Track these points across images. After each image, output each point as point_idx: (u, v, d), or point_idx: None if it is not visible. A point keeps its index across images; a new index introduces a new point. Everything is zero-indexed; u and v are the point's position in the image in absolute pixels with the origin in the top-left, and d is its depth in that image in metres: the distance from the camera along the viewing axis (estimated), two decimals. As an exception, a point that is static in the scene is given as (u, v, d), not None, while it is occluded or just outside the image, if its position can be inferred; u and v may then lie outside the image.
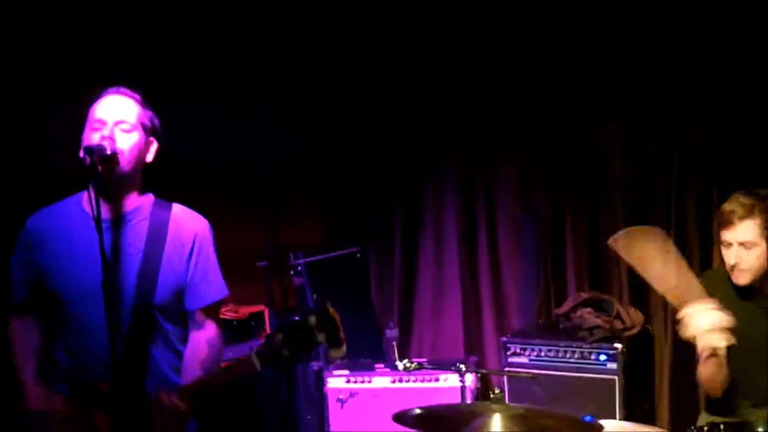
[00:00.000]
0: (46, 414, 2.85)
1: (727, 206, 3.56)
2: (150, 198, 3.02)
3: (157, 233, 2.92)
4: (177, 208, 3.02)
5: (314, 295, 2.51)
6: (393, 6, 4.94)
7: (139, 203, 2.96)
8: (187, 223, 3.00)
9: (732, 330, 3.36)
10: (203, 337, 2.99)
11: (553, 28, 4.90)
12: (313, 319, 2.62)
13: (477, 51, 5.17)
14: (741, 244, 3.52)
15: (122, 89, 2.95)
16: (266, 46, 5.01)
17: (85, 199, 2.91)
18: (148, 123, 2.95)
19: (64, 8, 4.34)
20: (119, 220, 2.91)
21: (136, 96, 2.96)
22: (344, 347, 2.66)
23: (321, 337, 2.62)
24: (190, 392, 2.74)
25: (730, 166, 4.69)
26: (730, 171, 4.66)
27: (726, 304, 3.49)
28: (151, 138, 2.97)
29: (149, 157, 2.97)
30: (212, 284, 3.02)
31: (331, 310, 2.64)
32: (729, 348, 3.42)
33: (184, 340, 3.01)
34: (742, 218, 3.49)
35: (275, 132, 5.23)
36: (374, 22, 5.02)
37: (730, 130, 4.71)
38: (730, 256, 3.57)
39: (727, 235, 3.56)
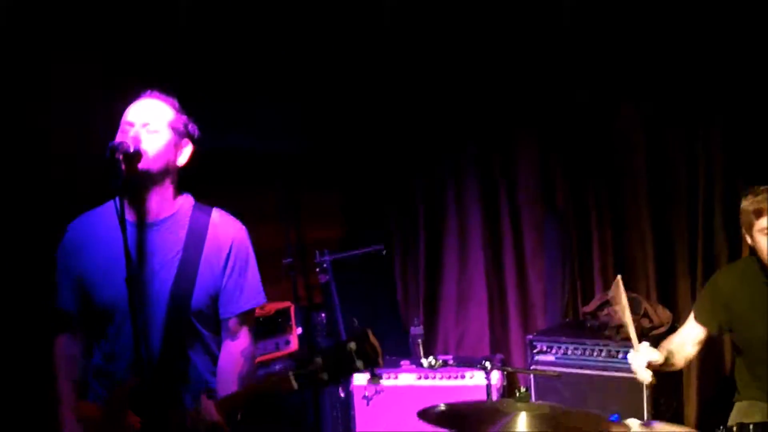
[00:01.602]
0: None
1: (760, 204, 3.61)
2: (189, 201, 3.01)
3: (196, 238, 2.91)
4: (215, 213, 3.00)
5: (354, 320, 2.50)
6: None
7: (177, 207, 2.96)
8: (225, 228, 2.98)
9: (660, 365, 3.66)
10: (238, 348, 2.98)
11: (574, 14, 4.86)
12: (353, 345, 2.60)
13: (494, 37, 5.14)
14: None
15: (156, 93, 2.95)
16: (280, 42, 5.00)
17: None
18: (180, 126, 2.93)
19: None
20: (153, 222, 2.90)
21: (171, 100, 2.96)
22: (381, 378, 2.67)
23: (360, 364, 2.60)
24: (228, 405, 2.74)
25: (756, 158, 4.63)
26: (757, 163, 4.60)
27: (735, 295, 3.76)
28: (184, 140, 2.95)
29: (181, 160, 2.95)
30: (247, 291, 3.00)
31: (372, 337, 2.62)
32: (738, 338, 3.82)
33: (220, 345, 3.00)
34: None
35: (296, 128, 5.23)
36: (390, 5, 5.00)
37: (756, 121, 4.64)
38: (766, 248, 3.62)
39: (760, 222, 3.62)
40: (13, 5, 4.04)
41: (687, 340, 3.93)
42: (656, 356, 3.64)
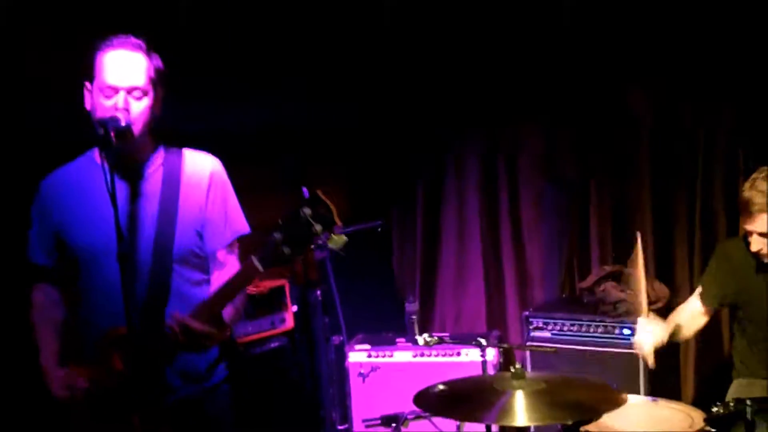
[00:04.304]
0: (72, 394, 2.85)
1: (746, 193, 3.59)
2: (160, 147, 2.99)
3: (171, 177, 2.90)
4: (188, 152, 3.00)
5: (304, 188, 2.44)
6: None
7: (150, 151, 2.94)
8: (200, 163, 2.98)
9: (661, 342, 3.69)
10: (227, 273, 2.89)
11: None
12: (307, 211, 2.54)
13: (497, 15, 5.07)
14: (761, 234, 3.58)
15: (128, 40, 2.84)
16: (291, 20, 4.95)
17: (97, 154, 2.90)
18: (155, 75, 2.86)
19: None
20: (133, 176, 2.88)
21: (142, 44, 2.85)
22: (344, 236, 2.61)
23: (318, 227, 2.54)
24: (202, 311, 2.69)
25: (757, 132, 4.60)
26: (758, 138, 4.58)
27: (742, 275, 3.75)
28: (160, 89, 2.89)
29: (158, 109, 2.90)
30: (232, 221, 2.99)
31: (324, 197, 2.57)
32: (745, 319, 3.80)
33: (204, 285, 2.98)
34: (760, 211, 3.53)
35: (298, 106, 5.18)
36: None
37: (758, 97, 4.60)
38: (752, 243, 3.64)
39: (746, 225, 3.63)
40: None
41: (693, 312, 3.92)
42: (662, 337, 3.67)
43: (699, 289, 3.95)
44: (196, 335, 2.68)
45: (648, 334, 3.67)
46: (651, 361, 3.65)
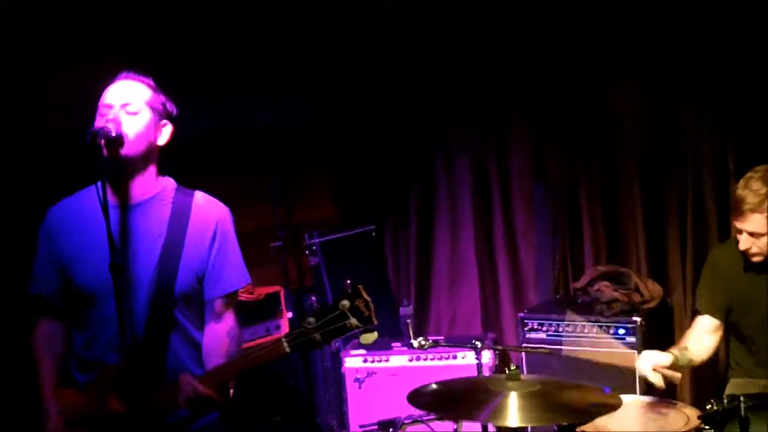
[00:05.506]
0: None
1: (740, 191, 3.61)
2: (171, 183, 2.99)
3: (180, 218, 2.88)
4: (199, 195, 2.98)
5: (347, 281, 2.48)
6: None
7: (159, 188, 2.93)
8: (209, 209, 2.96)
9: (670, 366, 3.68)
10: (223, 329, 2.95)
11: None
12: (346, 303, 2.58)
13: (486, 20, 5.09)
14: (750, 233, 3.61)
15: (132, 74, 2.92)
16: (281, 24, 4.95)
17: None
18: (159, 106, 2.90)
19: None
20: (136, 204, 2.87)
21: (147, 80, 2.92)
22: (375, 334, 2.65)
23: (354, 321, 2.58)
24: (216, 377, 2.71)
25: (746, 132, 4.62)
26: (747, 137, 4.60)
27: (732, 276, 3.80)
28: (164, 121, 2.92)
29: (161, 140, 2.91)
30: (233, 272, 2.97)
31: (365, 294, 2.61)
32: (736, 318, 3.83)
33: (202, 328, 2.97)
34: (751, 210, 3.56)
35: (289, 110, 5.18)
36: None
37: (746, 94, 4.62)
38: (741, 241, 3.67)
39: (737, 224, 3.66)
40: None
41: (701, 331, 3.92)
42: (663, 358, 3.68)
43: (701, 306, 3.96)
44: (201, 402, 2.68)
45: (643, 359, 3.71)
46: (659, 381, 3.66)
